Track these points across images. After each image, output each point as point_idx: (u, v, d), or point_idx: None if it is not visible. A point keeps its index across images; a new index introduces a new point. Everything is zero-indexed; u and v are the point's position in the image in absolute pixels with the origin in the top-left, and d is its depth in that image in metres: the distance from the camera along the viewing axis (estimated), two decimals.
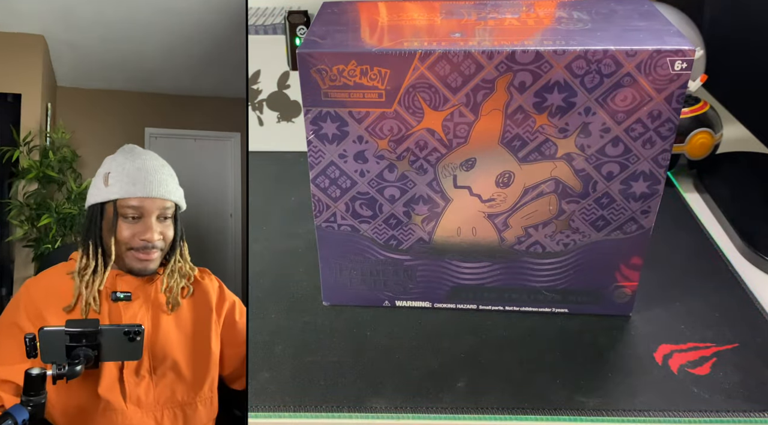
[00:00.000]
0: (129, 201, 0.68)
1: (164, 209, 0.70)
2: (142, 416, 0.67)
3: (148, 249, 0.68)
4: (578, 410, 0.56)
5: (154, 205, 0.69)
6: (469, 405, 0.57)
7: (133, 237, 0.68)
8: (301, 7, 1.00)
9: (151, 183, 0.69)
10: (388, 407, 0.57)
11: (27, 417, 0.53)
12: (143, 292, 0.70)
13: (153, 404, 0.67)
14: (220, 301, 0.74)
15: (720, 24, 1.16)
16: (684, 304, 0.69)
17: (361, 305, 0.69)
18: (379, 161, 0.60)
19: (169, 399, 0.68)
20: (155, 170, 0.70)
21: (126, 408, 0.66)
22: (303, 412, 0.57)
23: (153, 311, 0.70)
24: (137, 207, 0.68)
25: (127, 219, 0.68)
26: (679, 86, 0.54)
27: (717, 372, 0.60)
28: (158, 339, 0.69)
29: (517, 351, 0.63)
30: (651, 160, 0.57)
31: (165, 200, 0.70)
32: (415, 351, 0.63)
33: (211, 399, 0.72)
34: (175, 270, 0.72)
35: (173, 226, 0.71)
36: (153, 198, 0.69)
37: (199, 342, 0.71)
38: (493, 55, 0.53)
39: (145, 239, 0.68)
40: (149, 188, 0.69)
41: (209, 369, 0.71)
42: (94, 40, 1.88)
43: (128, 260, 0.69)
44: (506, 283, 0.66)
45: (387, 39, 0.56)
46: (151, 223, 0.69)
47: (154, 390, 0.68)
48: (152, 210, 0.69)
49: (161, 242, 0.70)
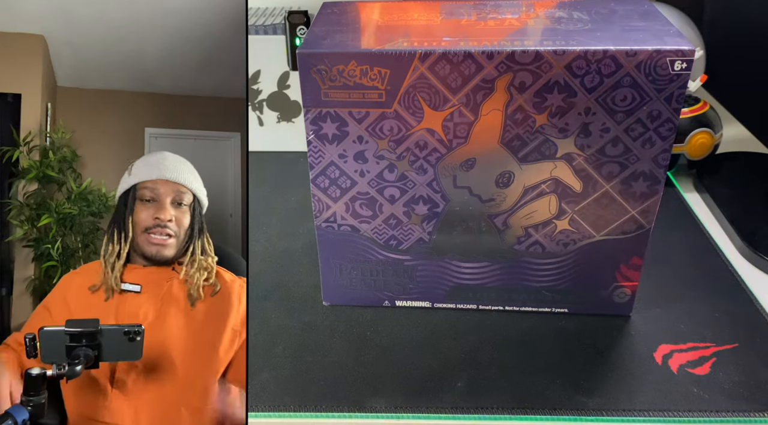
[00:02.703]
0: (146, 183, 0.73)
1: (179, 194, 0.73)
2: (122, 402, 0.66)
3: (161, 228, 0.71)
4: (578, 410, 0.56)
5: (168, 187, 0.73)
6: (469, 405, 0.57)
7: (148, 217, 0.71)
8: (301, 7, 1.00)
9: (166, 168, 0.74)
10: (388, 407, 0.57)
11: (27, 417, 0.53)
12: (158, 286, 0.70)
13: (137, 395, 0.66)
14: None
15: (720, 24, 1.16)
16: (684, 304, 0.69)
17: (361, 305, 0.69)
18: (379, 161, 0.60)
19: (156, 396, 0.67)
20: (173, 159, 0.76)
21: (110, 391, 0.66)
22: (303, 412, 0.57)
23: (162, 306, 0.69)
24: (152, 189, 0.73)
25: (144, 202, 0.72)
26: (678, 86, 0.54)
27: (717, 372, 0.60)
28: (160, 334, 0.68)
29: (517, 351, 0.63)
30: (651, 160, 0.57)
31: (179, 184, 0.73)
32: (415, 351, 0.63)
33: (200, 409, 0.67)
34: (196, 260, 0.73)
35: (190, 216, 0.74)
36: (167, 181, 0.73)
37: (205, 346, 0.69)
38: (493, 55, 0.53)
39: (158, 217, 0.71)
40: (164, 171, 0.73)
41: (207, 375, 0.68)
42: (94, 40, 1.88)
43: (143, 244, 0.71)
44: (506, 283, 0.66)
45: (387, 39, 0.56)
46: (166, 204, 0.72)
47: (143, 382, 0.67)
48: (167, 193, 0.73)
49: (174, 225, 0.72)
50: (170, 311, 0.70)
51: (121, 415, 0.66)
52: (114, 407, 0.66)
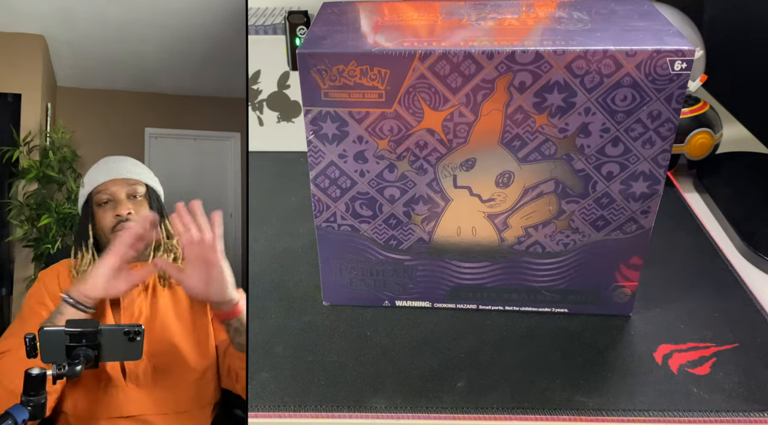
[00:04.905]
0: (98, 188, 0.77)
1: (132, 188, 0.77)
2: (140, 394, 0.70)
3: (122, 223, 0.74)
4: (578, 410, 0.56)
5: (118, 185, 0.77)
6: (469, 405, 0.57)
7: (109, 218, 0.75)
8: (301, 7, 1.00)
9: (112, 169, 0.78)
10: (388, 407, 0.57)
11: (27, 417, 0.53)
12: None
13: (151, 384, 0.70)
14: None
15: (720, 24, 1.16)
16: (684, 304, 0.69)
17: (361, 305, 0.69)
18: (379, 161, 0.60)
19: (167, 380, 0.71)
20: (116, 159, 0.80)
21: (126, 385, 0.70)
22: (303, 412, 0.57)
23: (151, 296, 0.73)
24: (105, 190, 0.77)
25: (102, 206, 0.76)
26: (678, 86, 0.54)
27: (717, 372, 0.60)
28: (156, 324, 0.72)
29: (517, 351, 0.63)
30: (651, 160, 0.57)
31: (129, 179, 0.78)
32: (415, 351, 0.63)
33: (210, 381, 0.73)
34: (161, 244, 0.77)
35: (148, 204, 0.78)
36: (115, 179, 0.77)
37: (197, 327, 0.74)
38: (493, 56, 0.53)
39: (117, 214, 0.75)
40: (112, 172, 0.78)
41: (208, 353, 0.73)
42: (94, 40, 1.88)
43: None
44: (506, 283, 0.66)
45: (387, 39, 0.56)
46: (121, 200, 0.76)
47: (152, 371, 0.70)
48: (119, 190, 0.77)
49: (135, 217, 0.75)
50: (160, 300, 0.74)
51: (142, 406, 0.70)
52: (133, 399, 0.70)
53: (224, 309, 0.65)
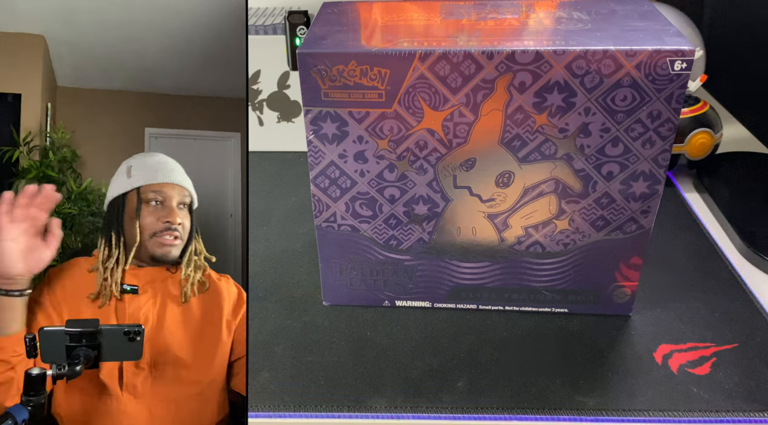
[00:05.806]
0: (152, 186, 0.73)
1: (183, 197, 0.74)
2: (136, 405, 0.67)
3: (171, 231, 0.71)
4: (578, 410, 0.56)
5: (174, 191, 0.73)
6: (469, 405, 0.57)
7: (157, 221, 0.72)
8: (301, 7, 1.00)
9: (171, 171, 0.74)
10: (388, 407, 0.57)
11: (27, 417, 0.53)
12: (154, 286, 0.71)
13: (149, 396, 0.68)
14: (238, 306, 0.74)
15: (720, 24, 1.16)
16: (684, 304, 0.69)
17: (361, 305, 0.69)
18: (379, 161, 0.60)
19: (166, 393, 0.68)
20: (173, 163, 0.77)
21: (121, 395, 0.67)
22: (303, 412, 0.57)
23: (161, 305, 0.71)
24: (160, 191, 0.73)
25: (150, 205, 0.72)
26: (678, 86, 0.54)
27: (717, 372, 0.60)
28: (162, 334, 0.69)
29: (517, 351, 0.63)
30: (651, 160, 0.57)
31: (184, 188, 0.74)
32: (415, 351, 0.63)
33: (212, 398, 0.71)
34: (192, 260, 0.74)
35: (190, 219, 0.75)
36: (173, 184, 0.74)
37: (205, 341, 0.71)
38: (493, 55, 0.53)
39: (168, 220, 0.71)
40: (171, 175, 0.74)
41: (212, 369, 0.71)
42: (94, 40, 1.88)
43: (151, 246, 0.71)
44: (506, 283, 0.66)
45: (387, 39, 0.56)
46: (173, 207, 0.73)
47: (151, 382, 0.68)
48: (173, 196, 0.73)
49: (182, 228, 0.73)
50: (169, 310, 0.71)
51: (137, 418, 0.67)
52: (128, 410, 0.67)
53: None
